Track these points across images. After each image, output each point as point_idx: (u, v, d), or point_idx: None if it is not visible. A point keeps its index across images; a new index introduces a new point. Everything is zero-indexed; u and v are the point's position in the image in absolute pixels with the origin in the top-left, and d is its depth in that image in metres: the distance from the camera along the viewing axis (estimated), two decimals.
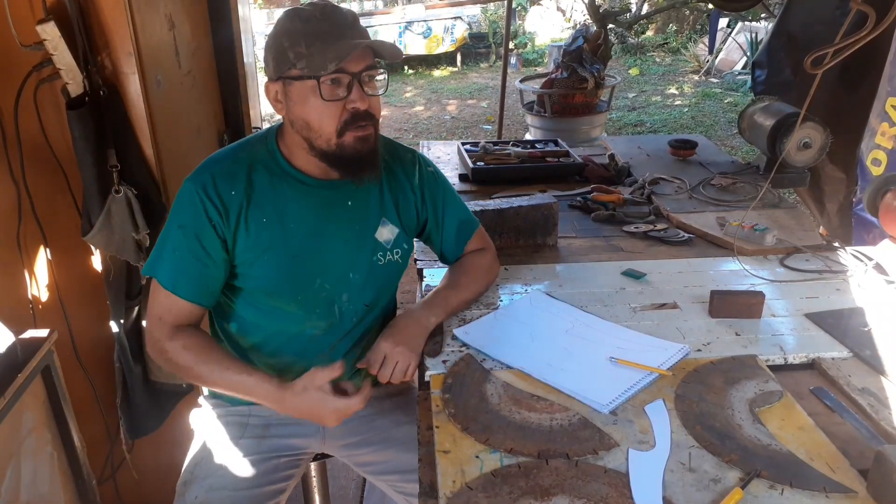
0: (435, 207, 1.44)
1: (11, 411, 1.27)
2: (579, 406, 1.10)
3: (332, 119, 1.20)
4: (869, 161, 2.12)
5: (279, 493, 1.37)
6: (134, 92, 1.64)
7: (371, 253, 1.35)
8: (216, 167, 1.26)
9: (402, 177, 1.40)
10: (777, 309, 1.40)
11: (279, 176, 1.28)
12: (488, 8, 11.23)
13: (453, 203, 1.48)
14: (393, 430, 1.45)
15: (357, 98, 1.19)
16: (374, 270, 1.36)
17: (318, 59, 1.16)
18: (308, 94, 1.19)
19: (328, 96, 1.18)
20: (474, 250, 1.50)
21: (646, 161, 2.42)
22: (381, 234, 1.36)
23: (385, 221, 1.36)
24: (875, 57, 2.14)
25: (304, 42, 1.17)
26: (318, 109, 1.19)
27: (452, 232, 1.47)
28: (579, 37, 5.02)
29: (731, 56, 8.80)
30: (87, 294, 1.82)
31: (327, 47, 1.16)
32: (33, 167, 1.64)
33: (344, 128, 1.20)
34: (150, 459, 2.01)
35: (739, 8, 2.76)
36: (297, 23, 1.18)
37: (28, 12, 1.52)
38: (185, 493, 1.32)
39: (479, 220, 1.53)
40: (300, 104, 1.21)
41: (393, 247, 1.38)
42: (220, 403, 1.46)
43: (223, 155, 1.30)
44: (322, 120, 1.20)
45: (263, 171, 1.28)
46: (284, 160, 1.29)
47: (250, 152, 1.30)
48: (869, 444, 1.02)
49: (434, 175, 1.45)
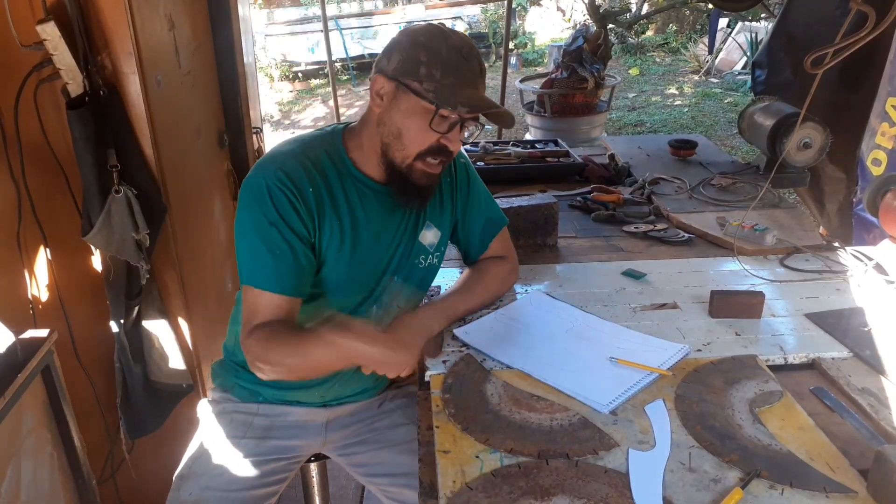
0: (465, 201, 1.44)
1: (11, 411, 1.27)
2: (579, 406, 1.10)
3: (422, 143, 1.21)
4: (869, 161, 2.12)
5: (272, 494, 1.38)
6: (134, 92, 1.64)
7: (415, 256, 1.36)
8: (288, 162, 1.22)
9: (444, 180, 1.40)
10: (777, 309, 1.40)
11: (347, 178, 1.28)
12: (488, 8, 11.23)
13: (484, 198, 1.47)
14: (390, 431, 1.44)
15: (454, 139, 1.21)
16: (414, 273, 1.37)
17: (448, 95, 1.16)
18: (418, 112, 1.19)
19: (436, 127, 1.19)
20: (495, 256, 1.48)
21: (646, 161, 2.42)
22: (424, 238, 1.37)
23: (430, 225, 1.37)
24: (875, 57, 2.14)
25: (442, 69, 1.16)
26: (418, 130, 1.20)
27: (478, 228, 1.46)
28: (579, 37, 5.03)
29: (731, 56, 8.80)
30: (87, 294, 1.82)
31: (460, 90, 1.17)
32: (33, 167, 1.64)
33: (424, 154, 1.22)
34: (150, 459, 2.01)
35: (739, 8, 2.77)
36: (442, 46, 1.17)
37: (28, 12, 1.53)
38: (180, 488, 1.32)
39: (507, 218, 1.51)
40: (404, 115, 1.20)
41: (434, 250, 1.39)
42: (228, 398, 1.45)
43: (291, 151, 1.25)
44: (415, 139, 1.21)
45: (333, 172, 1.26)
46: (351, 163, 1.29)
47: (318, 151, 1.27)
48: (869, 444, 1.02)
49: (465, 167, 1.45)
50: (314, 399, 1.43)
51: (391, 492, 1.40)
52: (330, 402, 1.45)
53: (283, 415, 1.43)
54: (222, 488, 1.32)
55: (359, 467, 1.46)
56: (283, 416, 1.44)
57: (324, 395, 1.42)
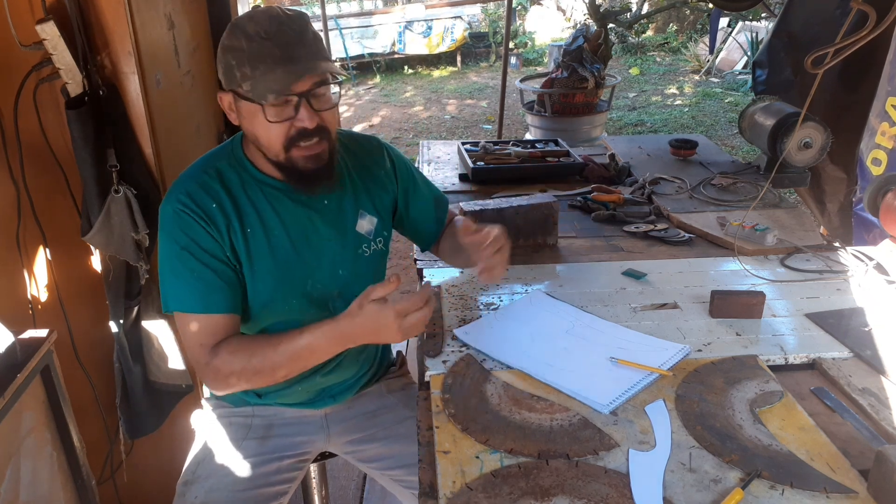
0: (411, 188, 1.46)
1: (11, 412, 1.27)
2: (579, 406, 1.10)
3: (278, 137, 1.19)
4: (869, 161, 2.12)
5: (281, 494, 1.37)
6: (133, 91, 1.64)
7: (355, 247, 1.36)
8: (189, 184, 1.24)
9: (371, 165, 1.41)
10: (778, 309, 1.40)
11: (252, 184, 1.27)
12: (488, 7, 11.23)
13: (425, 182, 1.51)
14: (397, 426, 1.45)
15: (305, 117, 1.17)
16: (360, 262, 1.36)
17: (262, 86, 1.13)
18: (254, 113, 1.17)
19: (273, 118, 1.17)
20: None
21: (646, 161, 2.41)
22: (361, 227, 1.36)
23: (363, 213, 1.37)
24: (875, 57, 2.14)
25: (249, 64, 1.13)
26: (265, 128, 1.18)
27: (430, 209, 1.49)
28: (579, 36, 5.02)
29: (731, 56, 8.80)
30: (87, 294, 1.82)
31: (269, 72, 1.12)
32: (33, 167, 1.64)
33: (290, 143, 1.19)
34: (150, 460, 2.01)
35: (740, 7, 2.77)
36: (242, 41, 1.14)
37: (28, 12, 1.52)
38: (185, 493, 1.32)
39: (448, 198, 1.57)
40: (248, 120, 1.20)
41: (375, 236, 1.38)
42: (223, 405, 1.46)
43: (192, 172, 1.27)
44: (269, 137, 1.19)
45: (237, 182, 1.26)
46: (253, 167, 1.28)
47: (219, 164, 1.27)
48: (869, 444, 1.02)
49: (400, 157, 1.48)
50: (301, 398, 1.43)
51: (409, 481, 1.42)
52: (318, 400, 1.44)
53: (279, 413, 1.44)
54: (229, 489, 1.32)
55: (370, 462, 1.47)
56: (280, 414, 1.44)
57: (308, 391, 1.42)
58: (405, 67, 10.17)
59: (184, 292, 1.21)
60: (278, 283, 1.28)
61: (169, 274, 1.23)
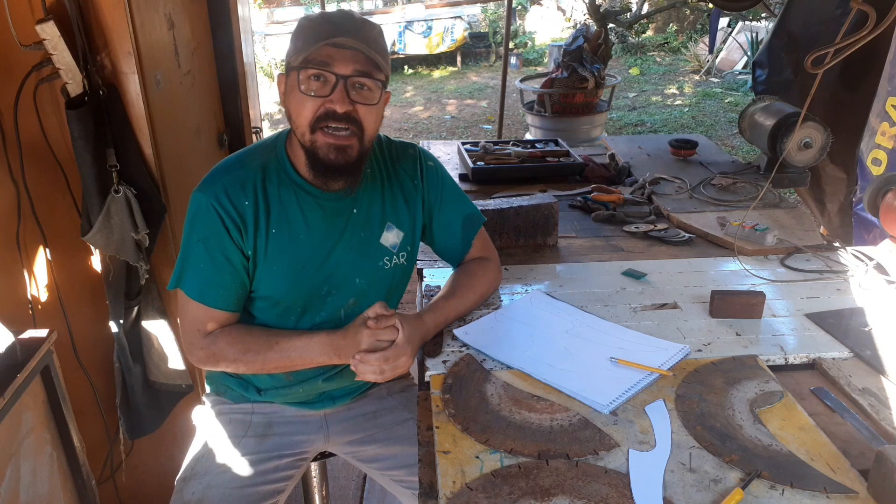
0: (437, 202, 1.41)
1: (11, 411, 1.27)
2: (579, 406, 1.10)
3: (308, 113, 1.19)
4: (869, 161, 2.12)
5: (278, 492, 1.37)
6: (133, 92, 1.64)
7: (377, 258, 1.35)
8: (227, 178, 1.25)
9: (404, 176, 1.39)
10: (778, 309, 1.40)
11: (288, 185, 1.28)
12: (488, 7, 11.23)
13: (457, 197, 1.45)
14: (396, 426, 1.46)
15: (337, 99, 1.17)
16: (380, 274, 1.36)
17: (305, 55, 1.16)
18: (294, 85, 1.20)
19: (305, 90, 1.18)
20: (479, 257, 1.47)
21: (646, 161, 2.41)
22: (386, 239, 1.35)
23: (390, 226, 1.36)
24: (875, 57, 2.14)
25: (303, 37, 1.18)
26: (298, 101, 1.19)
27: (458, 227, 1.44)
28: (579, 36, 5.02)
29: (731, 56, 8.80)
30: (87, 294, 1.82)
31: (316, 44, 1.15)
32: (33, 167, 1.64)
33: (317, 123, 1.19)
34: (150, 460, 2.01)
35: (740, 7, 2.76)
36: (308, 22, 1.20)
37: (28, 12, 1.52)
38: (183, 489, 1.32)
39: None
40: (288, 94, 1.23)
41: (399, 250, 1.37)
42: (223, 401, 1.46)
43: (232, 163, 1.29)
44: (300, 112, 1.20)
45: (274, 180, 1.27)
46: (293, 169, 1.28)
47: (260, 160, 1.28)
48: (869, 444, 1.02)
49: (435, 169, 1.43)
50: (301, 398, 1.43)
51: (409, 481, 1.42)
52: (318, 401, 1.45)
53: (279, 412, 1.44)
54: (226, 486, 1.32)
55: (370, 462, 1.47)
56: (280, 412, 1.44)
57: (309, 393, 1.42)
58: (405, 67, 10.17)
59: (192, 276, 1.25)
60: (295, 282, 1.29)
61: (185, 252, 1.26)
